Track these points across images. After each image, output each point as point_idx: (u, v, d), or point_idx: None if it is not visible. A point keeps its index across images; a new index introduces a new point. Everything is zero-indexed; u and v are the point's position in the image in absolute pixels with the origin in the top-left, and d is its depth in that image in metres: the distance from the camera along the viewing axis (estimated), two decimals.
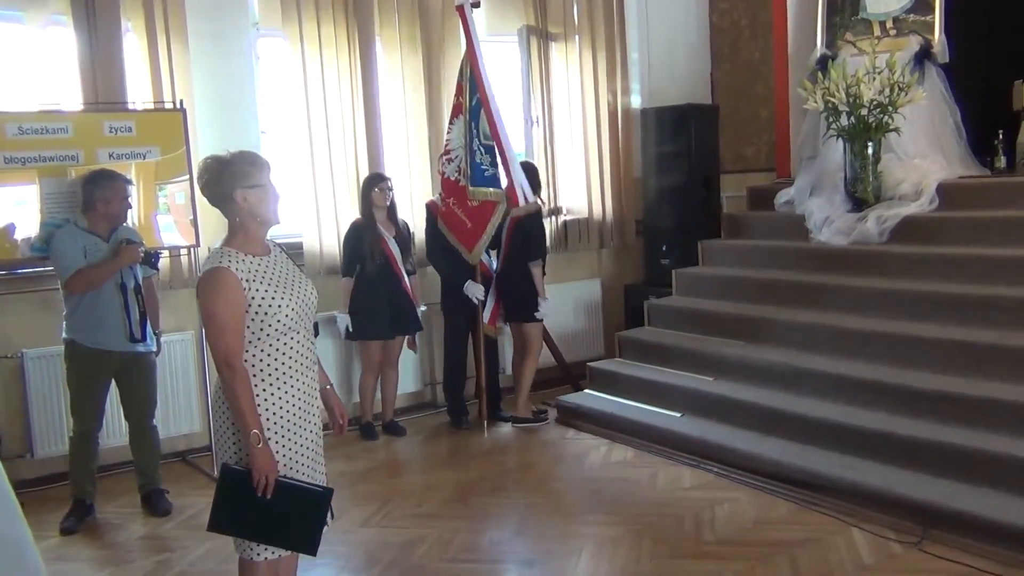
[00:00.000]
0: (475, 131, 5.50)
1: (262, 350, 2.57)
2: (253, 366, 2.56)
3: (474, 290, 5.62)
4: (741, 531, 4.01)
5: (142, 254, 4.37)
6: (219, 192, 2.59)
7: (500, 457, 5.27)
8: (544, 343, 6.24)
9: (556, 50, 6.82)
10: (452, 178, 5.55)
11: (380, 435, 5.68)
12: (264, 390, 2.57)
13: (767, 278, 5.84)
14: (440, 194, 5.62)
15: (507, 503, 4.53)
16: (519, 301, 5.73)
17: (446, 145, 5.60)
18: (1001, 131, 5.89)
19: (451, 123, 5.60)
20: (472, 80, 5.45)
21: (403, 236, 5.63)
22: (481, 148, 5.54)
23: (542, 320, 5.81)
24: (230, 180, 2.56)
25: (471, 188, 5.47)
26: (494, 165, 5.56)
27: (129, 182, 4.48)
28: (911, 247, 5.31)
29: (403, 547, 4.00)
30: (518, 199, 5.48)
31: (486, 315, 5.73)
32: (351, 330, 5.54)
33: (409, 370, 6.03)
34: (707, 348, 5.55)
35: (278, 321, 2.57)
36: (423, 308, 5.77)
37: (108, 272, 4.26)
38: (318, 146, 5.72)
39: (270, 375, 2.58)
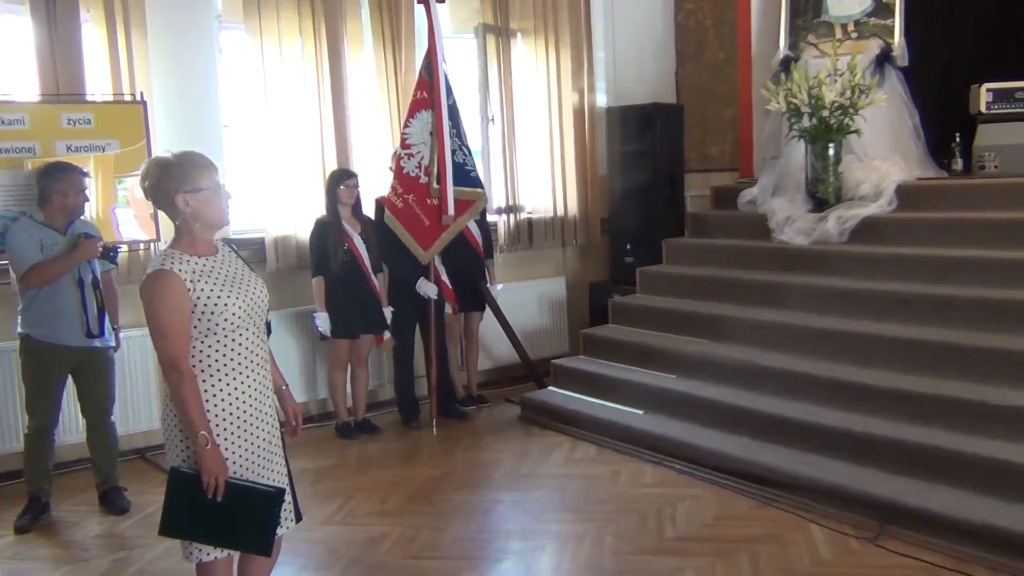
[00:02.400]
0: (456, 131, 5.51)
1: (211, 347, 2.55)
2: (201, 362, 2.54)
3: (427, 288, 5.60)
4: (702, 527, 4.04)
5: (100, 248, 4.30)
6: (159, 196, 2.57)
7: (463, 454, 5.26)
8: (509, 340, 6.25)
9: (524, 48, 6.82)
10: (412, 174, 5.50)
11: (356, 434, 5.62)
12: (212, 386, 2.55)
13: (730, 277, 5.89)
14: (396, 190, 5.53)
15: (470, 500, 4.53)
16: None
17: (404, 139, 5.52)
18: (958, 134, 6.00)
19: (411, 118, 5.52)
20: (446, 79, 5.45)
21: (369, 233, 5.57)
22: (464, 148, 5.55)
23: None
24: (170, 184, 2.54)
25: (456, 188, 5.48)
26: (475, 166, 5.61)
27: (85, 174, 4.40)
28: (870, 247, 5.39)
29: (366, 544, 3.98)
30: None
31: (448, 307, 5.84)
32: (332, 328, 5.44)
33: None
34: (670, 346, 5.58)
35: (225, 320, 2.54)
36: (390, 309, 5.66)
37: (66, 267, 4.18)
38: (281, 141, 5.66)
39: (219, 371, 2.56)
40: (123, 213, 4.82)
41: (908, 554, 3.62)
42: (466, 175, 5.57)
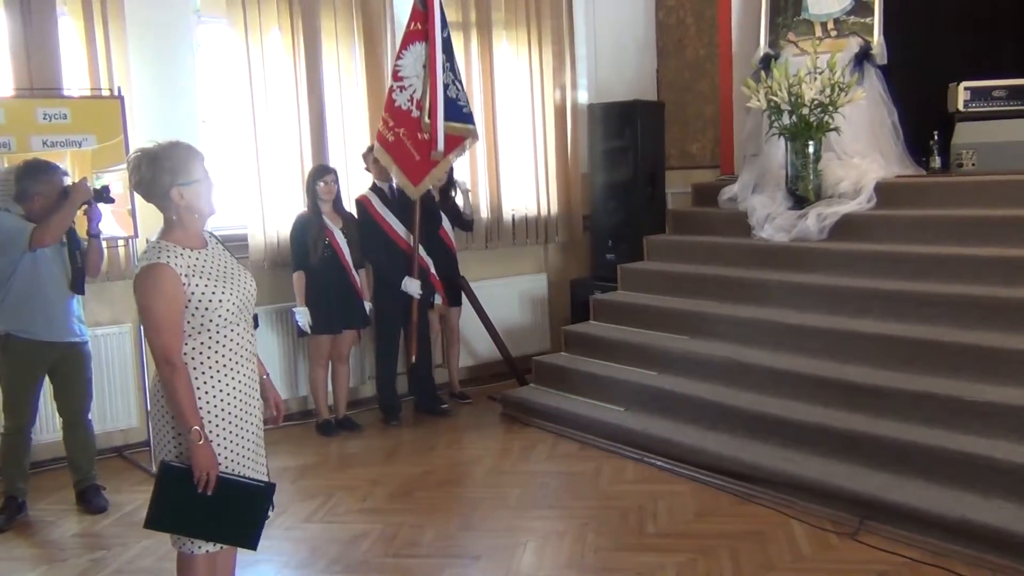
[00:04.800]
0: (449, 64, 5.43)
1: (202, 343, 2.53)
2: (193, 359, 2.52)
3: (412, 287, 5.58)
4: (683, 523, 4.06)
5: (92, 191, 4.28)
6: (153, 190, 2.52)
7: (445, 451, 5.25)
8: (490, 337, 6.25)
9: (506, 44, 6.79)
10: (404, 107, 5.40)
11: (336, 432, 5.60)
12: (205, 383, 2.53)
13: (710, 273, 5.91)
14: (388, 123, 5.41)
15: (452, 497, 4.52)
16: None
17: (396, 71, 5.41)
18: (936, 132, 6.04)
19: (404, 50, 5.42)
20: (441, 11, 5.37)
21: (350, 228, 5.55)
22: (457, 83, 5.47)
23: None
24: (164, 177, 2.49)
25: (447, 123, 5.40)
26: (467, 103, 5.53)
27: (65, 173, 4.37)
28: (850, 244, 5.42)
29: (347, 542, 3.96)
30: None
31: (437, 298, 5.80)
32: (311, 324, 5.41)
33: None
34: (651, 342, 5.59)
35: (219, 315, 2.53)
36: (369, 305, 5.66)
37: (68, 214, 4.17)
38: (260, 136, 5.61)
39: (211, 367, 2.54)
40: (101, 209, 4.74)
41: (887, 549, 3.64)
42: (458, 111, 5.49)
